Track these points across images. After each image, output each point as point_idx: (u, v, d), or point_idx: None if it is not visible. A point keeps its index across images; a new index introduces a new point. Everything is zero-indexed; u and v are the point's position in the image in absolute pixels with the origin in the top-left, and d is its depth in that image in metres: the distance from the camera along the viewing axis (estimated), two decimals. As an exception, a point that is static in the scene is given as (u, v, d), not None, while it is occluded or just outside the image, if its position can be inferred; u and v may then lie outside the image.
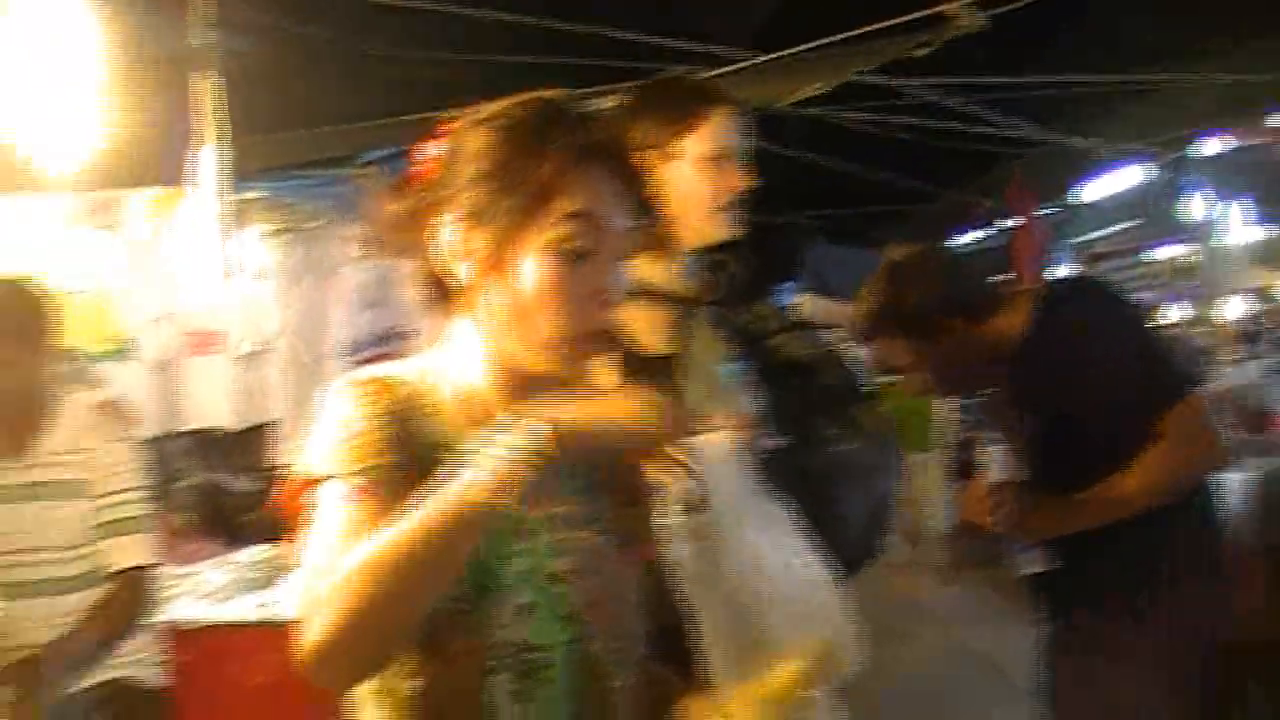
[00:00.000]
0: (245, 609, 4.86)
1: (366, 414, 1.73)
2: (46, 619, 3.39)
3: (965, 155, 8.97)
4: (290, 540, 1.79)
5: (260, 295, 5.59)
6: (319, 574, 1.60)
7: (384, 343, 5.19)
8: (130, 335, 6.64)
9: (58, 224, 6.14)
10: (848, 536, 2.88)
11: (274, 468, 7.03)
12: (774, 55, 5.49)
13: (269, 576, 5.32)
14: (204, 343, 7.49)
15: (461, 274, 1.78)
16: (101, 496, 3.41)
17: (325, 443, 1.72)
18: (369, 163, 4.90)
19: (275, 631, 4.68)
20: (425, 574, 1.59)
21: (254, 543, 5.74)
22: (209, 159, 3.31)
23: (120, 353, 6.60)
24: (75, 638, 3.31)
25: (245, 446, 7.97)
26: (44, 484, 3.41)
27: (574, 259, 1.73)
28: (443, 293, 1.83)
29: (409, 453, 1.72)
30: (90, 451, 3.42)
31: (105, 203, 6.45)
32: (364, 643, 1.58)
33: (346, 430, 1.72)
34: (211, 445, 7.60)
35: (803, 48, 5.41)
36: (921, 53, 5.34)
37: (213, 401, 7.49)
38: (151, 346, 7.21)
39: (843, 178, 9.53)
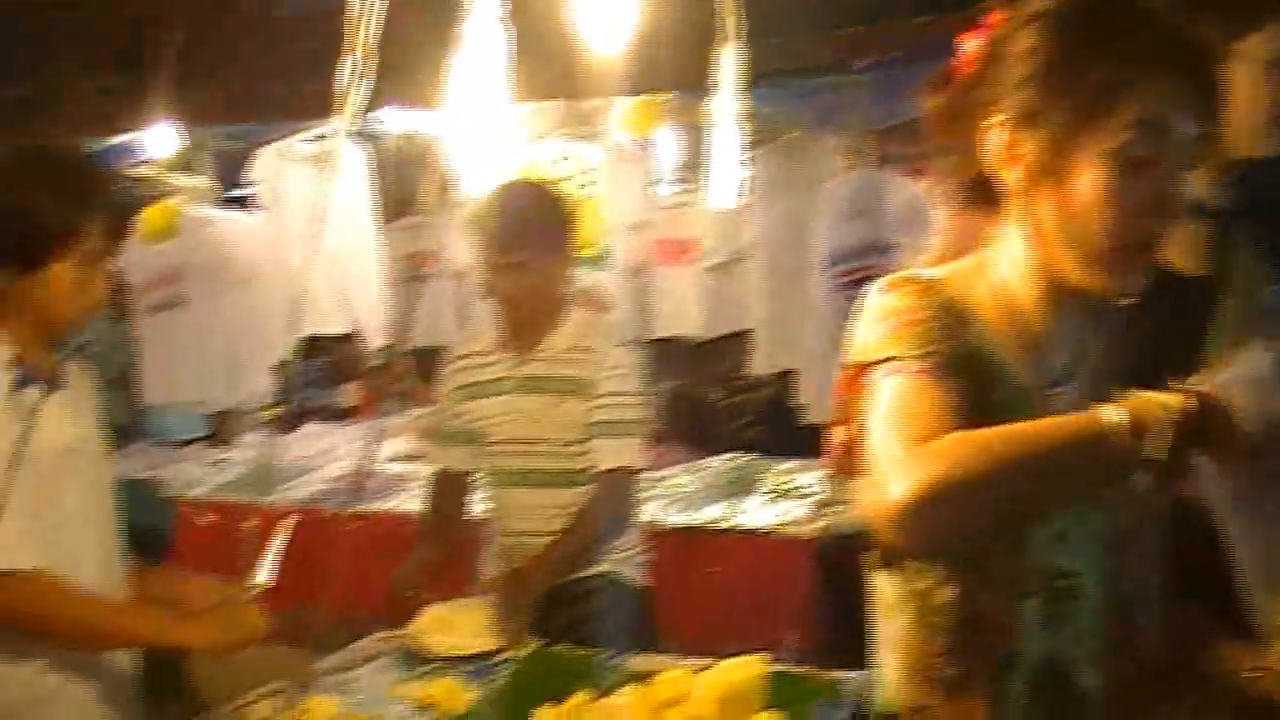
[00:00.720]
0: (716, 515, 4.90)
1: (918, 304, 1.67)
2: (538, 509, 3.54)
3: None
4: (845, 430, 1.74)
5: (734, 205, 5.57)
6: (893, 445, 1.56)
7: (866, 255, 5.07)
8: (605, 242, 6.78)
9: (542, 131, 6.34)
10: None
11: (745, 378, 7.08)
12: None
13: (738, 485, 5.37)
14: (676, 251, 7.62)
15: (1007, 178, 1.67)
16: (599, 396, 3.48)
17: (881, 330, 1.67)
18: (858, 70, 4.76)
19: (744, 539, 4.73)
20: (1034, 478, 1.52)
21: (724, 451, 5.80)
22: (727, 61, 3.23)
23: (597, 259, 6.77)
24: (564, 539, 3.42)
25: (715, 356, 8.08)
26: (551, 379, 3.51)
27: (1134, 168, 1.59)
28: (983, 196, 1.73)
29: (954, 351, 1.64)
30: (593, 352, 3.50)
31: (588, 111, 6.60)
32: (958, 511, 1.51)
33: (902, 318, 1.66)
34: (681, 354, 7.75)
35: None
36: None
37: (683, 310, 7.62)
38: (625, 254, 7.39)
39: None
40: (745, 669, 2.42)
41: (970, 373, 1.63)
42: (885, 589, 1.78)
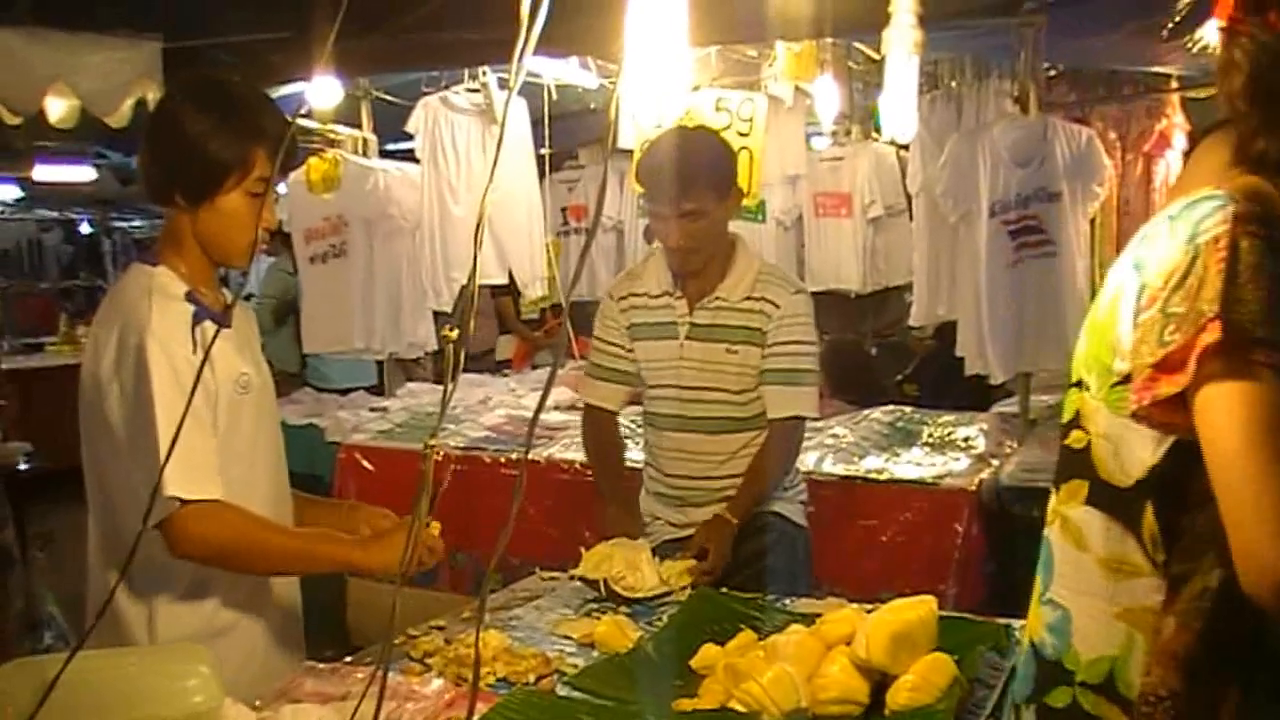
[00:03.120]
0: (875, 465, 4.86)
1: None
2: (702, 455, 3.55)
3: None
4: (1175, 382, 1.54)
5: (909, 138, 5.44)
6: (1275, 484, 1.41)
7: (1032, 203, 4.95)
8: (762, 194, 6.72)
9: (699, 80, 6.29)
10: None
11: (901, 331, 7.00)
12: None
13: (898, 436, 5.32)
14: (834, 204, 7.55)
15: None
16: (772, 345, 3.47)
17: (1253, 295, 1.48)
18: (1033, 10, 4.60)
19: (903, 489, 4.68)
20: None
21: (880, 404, 5.74)
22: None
23: (753, 211, 6.72)
24: (749, 489, 3.45)
25: (873, 309, 8.03)
26: (728, 328, 3.50)
27: None
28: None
29: None
30: (767, 302, 3.48)
31: (745, 62, 6.55)
32: None
33: (1267, 284, 1.48)
34: (839, 306, 7.70)
35: None
36: None
37: (841, 264, 7.56)
38: (780, 206, 7.34)
39: None
40: (916, 609, 2.37)
41: None
42: (1132, 561, 1.65)
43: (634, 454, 4.10)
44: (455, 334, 1.64)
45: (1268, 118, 1.60)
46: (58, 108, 5.02)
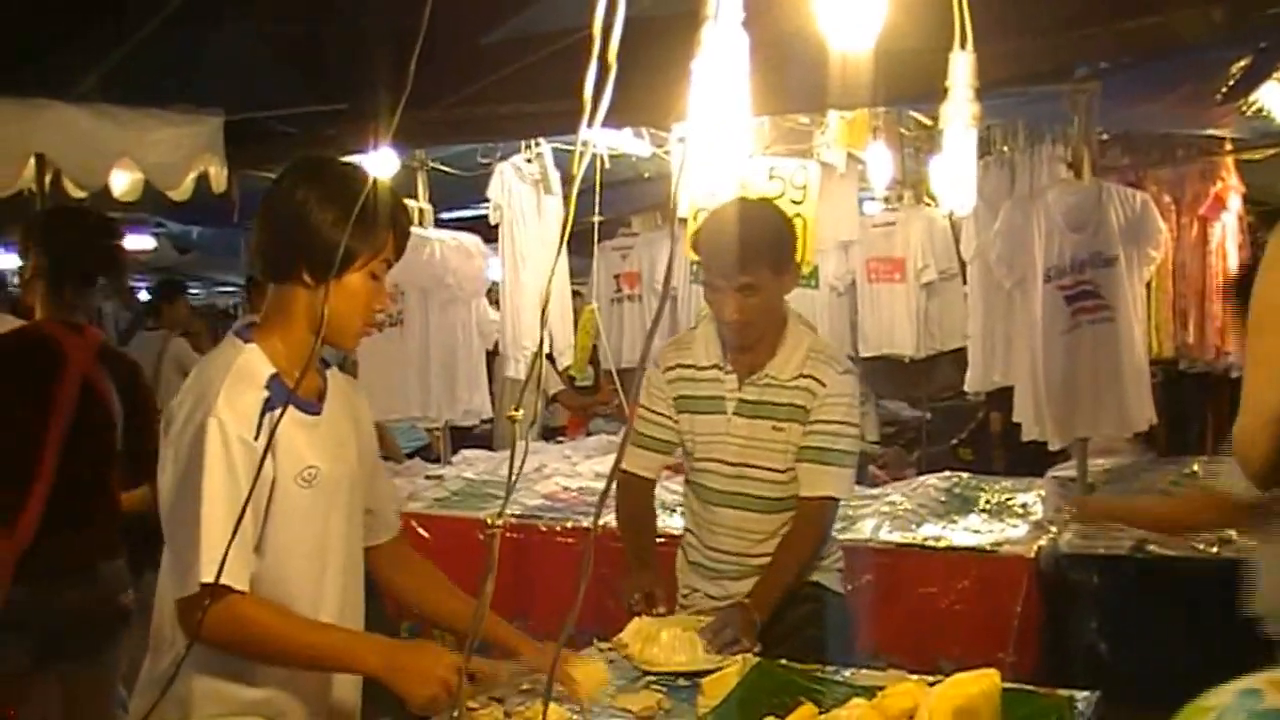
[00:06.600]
0: (932, 533, 4.84)
1: None
2: (743, 531, 3.51)
3: None
4: None
5: (968, 211, 5.43)
6: None
7: (1086, 269, 4.92)
8: (815, 261, 6.72)
9: (752, 148, 6.31)
10: None
11: (959, 395, 6.96)
12: None
13: (955, 503, 5.29)
14: (887, 270, 7.57)
15: None
16: (813, 423, 3.42)
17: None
18: (1087, 76, 4.61)
19: (961, 556, 4.65)
20: None
21: (936, 471, 5.72)
22: (960, 64, 3.10)
23: (807, 278, 6.71)
24: (781, 572, 3.38)
25: (924, 374, 8.01)
26: (776, 404, 3.45)
27: None
28: None
29: None
30: (814, 380, 3.43)
31: (798, 130, 6.58)
32: None
33: None
34: (891, 372, 7.70)
35: None
36: None
37: (894, 329, 7.56)
38: (834, 272, 7.36)
39: None
40: (979, 683, 2.36)
41: None
42: None
43: (673, 521, 4.06)
44: (520, 414, 1.66)
45: None
46: (122, 182, 5.11)
